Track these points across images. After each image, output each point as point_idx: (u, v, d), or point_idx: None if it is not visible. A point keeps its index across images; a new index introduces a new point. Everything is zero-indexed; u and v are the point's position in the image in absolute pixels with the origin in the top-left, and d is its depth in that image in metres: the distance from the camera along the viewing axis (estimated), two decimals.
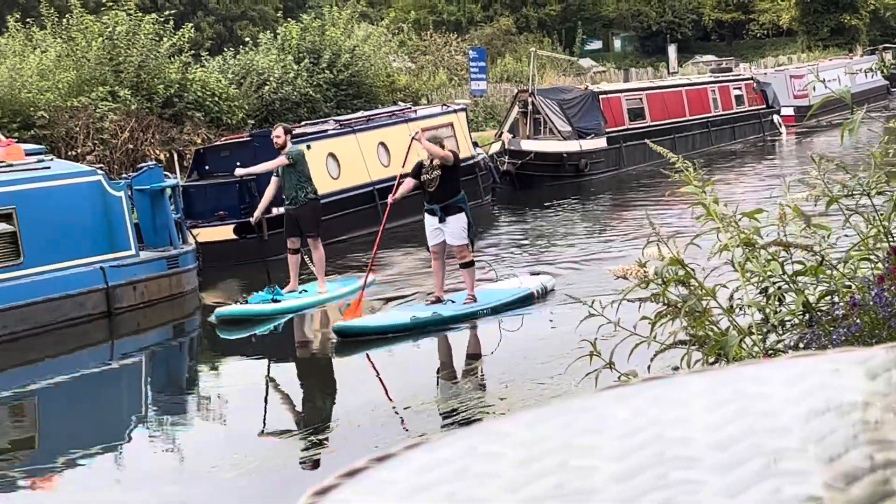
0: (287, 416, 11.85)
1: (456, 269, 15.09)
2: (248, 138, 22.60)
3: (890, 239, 4.55)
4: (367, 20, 43.75)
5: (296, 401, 12.36)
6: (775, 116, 40.04)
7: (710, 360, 4.42)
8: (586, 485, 0.82)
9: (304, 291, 16.15)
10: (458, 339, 13.75)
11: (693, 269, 4.55)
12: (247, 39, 35.36)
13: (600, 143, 31.13)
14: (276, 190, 16.34)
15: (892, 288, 4.23)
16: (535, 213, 25.67)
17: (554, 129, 30.24)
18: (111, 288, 16.25)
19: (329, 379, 13.13)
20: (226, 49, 35.68)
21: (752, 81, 40.43)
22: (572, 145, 30.23)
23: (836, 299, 4.50)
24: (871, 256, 4.63)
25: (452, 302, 14.52)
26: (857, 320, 4.23)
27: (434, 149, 14.41)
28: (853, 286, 4.46)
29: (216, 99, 29.74)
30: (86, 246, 16.22)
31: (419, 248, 18.99)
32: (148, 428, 12.04)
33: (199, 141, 27.50)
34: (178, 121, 28.72)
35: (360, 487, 0.88)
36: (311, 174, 21.58)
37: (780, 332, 4.50)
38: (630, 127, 32.31)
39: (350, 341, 13.60)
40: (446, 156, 14.32)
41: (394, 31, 43.16)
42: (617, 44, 74.00)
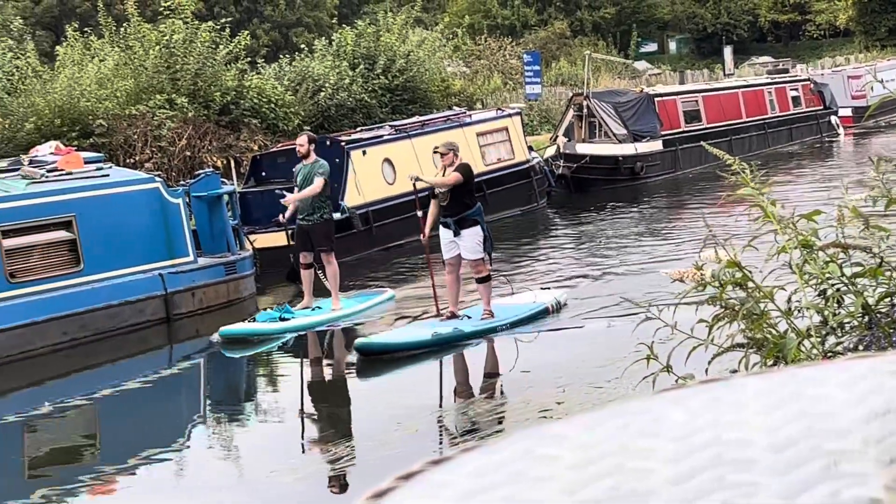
0: (341, 422, 11.87)
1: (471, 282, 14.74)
2: None
3: None
4: (421, 25, 43.86)
5: (349, 407, 12.37)
6: (833, 117, 39.70)
7: (769, 363, 4.39)
8: (643, 487, 0.82)
9: (318, 308, 15.75)
10: (509, 345, 13.71)
11: (750, 272, 4.52)
12: (302, 46, 35.52)
13: (656, 145, 31.01)
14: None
15: None
16: (590, 216, 25.60)
17: (609, 132, 30.15)
18: (170, 294, 16.37)
19: (379, 387, 13.10)
20: (281, 56, 35.86)
21: (809, 82, 40.13)
22: (628, 148, 30.13)
23: (895, 301, 4.45)
24: None
25: (468, 317, 14.24)
26: None
27: (438, 181, 14.15)
28: None
29: (272, 105, 29.89)
30: (144, 253, 16.35)
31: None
32: (206, 433, 12.11)
33: (255, 147, 27.64)
34: (234, 128, 28.89)
35: (416, 490, 0.89)
36: (365, 181, 21.76)
37: (839, 335, 4.46)
38: (686, 129, 32.14)
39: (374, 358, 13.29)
40: (455, 181, 13.91)
41: (448, 35, 43.19)
42: (672, 46, 73.68)
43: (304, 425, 11.87)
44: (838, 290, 4.46)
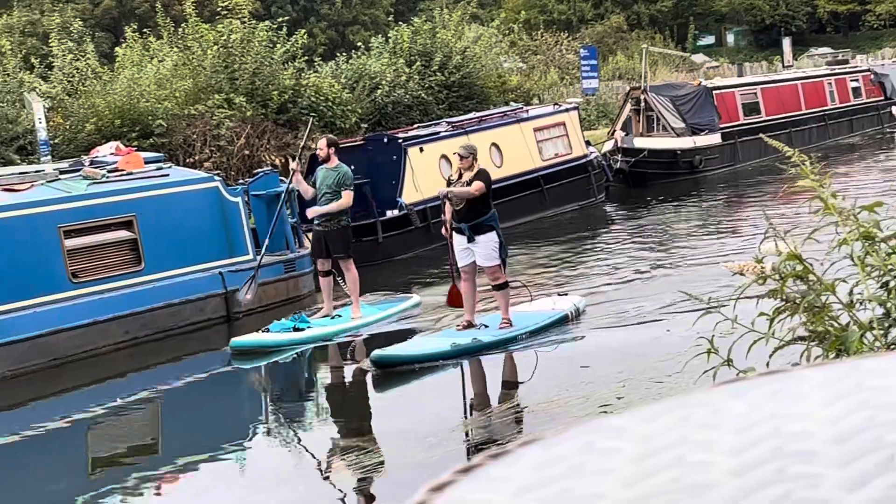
0: (398, 418, 11.89)
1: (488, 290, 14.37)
2: (361, 142, 22.75)
3: None
4: (477, 21, 43.80)
5: (408, 404, 12.39)
6: (894, 108, 39.28)
7: (831, 356, 4.35)
8: (703, 479, 0.81)
9: (339, 316, 15.34)
10: (569, 340, 13.68)
11: (811, 264, 4.48)
12: (359, 44, 35.59)
13: (714, 138, 30.83)
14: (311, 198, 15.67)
15: None
16: (648, 211, 25.50)
17: (667, 125, 30.01)
18: (230, 293, 16.46)
19: (438, 386, 13.09)
20: (338, 54, 35.93)
21: (869, 73, 39.76)
22: (686, 142, 29.99)
23: None
24: None
25: (486, 326, 13.84)
26: None
27: (464, 191, 13.62)
28: None
29: (330, 104, 29.98)
30: (204, 251, 16.46)
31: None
32: (268, 430, 12.18)
33: (313, 146, 27.74)
34: (292, 126, 29.00)
35: (475, 484, 0.89)
36: (423, 177, 21.77)
37: None
38: (745, 122, 31.94)
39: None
40: (479, 190, 13.56)
41: (504, 31, 43.12)
42: (730, 38, 73.22)
43: (377, 420, 11.90)
44: None
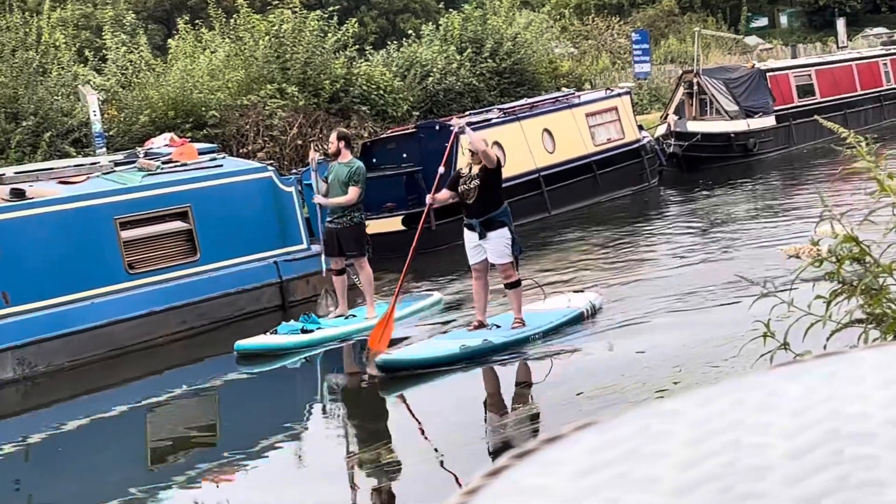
0: (454, 405, 11.90)
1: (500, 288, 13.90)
2: (413, 130, 22.77)
3: None
4: (528, 7, 43.71)
5: (463, 393, 12.39)
6: None
7: (889, 338, 4.32)
8: (759, 462, 0.81)
9: (353, 316, 14.87)
10: (622, 327, 13.64)
11: (868, 246, 4.44)
12: (409, 32, 35.59)
13: (769, 121, 30.62)
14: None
15: None
16: (702, 195, 25.37)
17: (721, 109, 29.83)
18: (285, 281, 16.54)
19: (496, 379, 13.09)
20: (389, 42, 35.95)
21: None
22: (740, 125, 29.80)
23: None
24: None
25: (497, 326, 13.29)
26: None
27: (478, 143, 13.17)
28: None
29: (381, 92, 30.01)
30: (259, 241, 16.54)
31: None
32: (325, 419, 12.23)
33: (365, 134, 27.78)
34: (344, 115, 29.07)
35: (530, 468, 0.89)
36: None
37: None
38: (799, 104, 31.69)
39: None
40: (489, 155, 13.05)
41: (555, 16, 43.03)
42: (783, 20, 72.57)
43: (434, 406, 11.92)
44: None
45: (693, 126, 29.03)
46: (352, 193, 14.60)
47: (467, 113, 25.62)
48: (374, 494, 9.49)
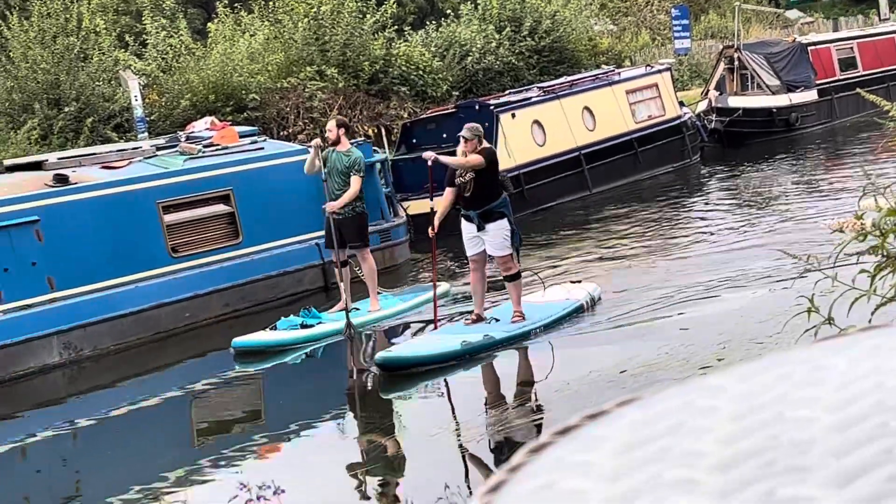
0: (498, 381, 11.91)
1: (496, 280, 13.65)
2: (453, 110, 22.74)
3: None
4: None
5: (508, 371, 12.40)
6: None
7: None
8: (804, 436, 0.81)
9: (356, 310, 14.38)
10: (665, 306, 13.59)
11: None
12: (448, 11, 35.53)
13: (811, 95, 30.39)
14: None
15: None
16: (744, 170, 25.23)
17: (762, 83, 29.63)
18: (326, 263, 16.57)
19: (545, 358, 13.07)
20: (428, 22, 35.91)
21: None
22: (782, 99, 29.59)
23: None
24: None
25: (497, 320, 12.90)
26: None
27: (458, 162, 12.74)
28: None
29: (420, 72, 30.00)
30: (301, 223, 16.57)
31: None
32: (368, 396, 12.26)
33: (405, 115, 27.80)
34: (384, 96, 29.08)
35: (574, 444, 0.89)
36: (515, 143, 21.71)
37: None
38: (841, 77, 31.42)
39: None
40: (472, 164, 12.54)
41: None
42: None
43: (474, 385, 11.93)
44: None
45: (734, 101, 28.85)
46: (354, 184, 14.22)
47: (507, 92, 25.57)
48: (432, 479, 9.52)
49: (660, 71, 26.29)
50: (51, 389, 13.79)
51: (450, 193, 12.85)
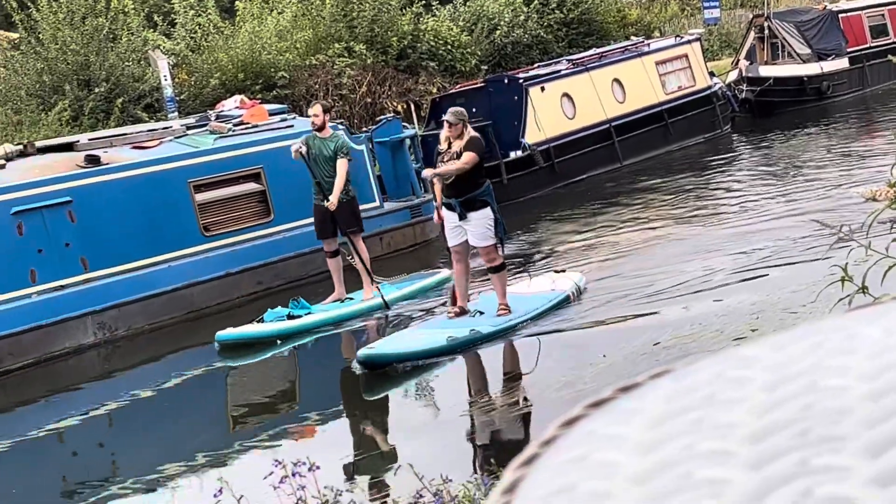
0: (533, 356, 11.92)
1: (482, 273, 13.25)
2: (482, 84, 22.72)
3: None
4: None
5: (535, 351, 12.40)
6: None
7: None
8: (837, 405, 0.80)
9: (350, 299, 14.13)
10: (700, 279, 13.55)
11: None
12: None
13: (842, 63, 30.19)
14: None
15: None
16: (776, 140, 25.11)
17: (793, 52, 29.45)
18: None
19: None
20: None
21: None
22: (813, 68, 29.40)
23: None
24: None
25: (481, 313, 12.45)
26: None
27: (455, 167, 12.07)
28: None
29: (449, 47, 29.95)
30: None
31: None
32: (401, 372, 12.28)
33: (434, 90, 27.77)
34: (412, 72, 29.05)
35: (607, 417, 0.89)
36: (545, 117, 21.66)
37: None
38: (873, 45, 31.19)
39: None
40: (464, 166, 11.99)
41: None
42: None
43: (512, 358, 11.94)
44: None
45: (765, 71, 28.70)
46: (342, 168, 13.87)
47: (536, 65, 25.50)
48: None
49: (689, 41, 26.17)
50: (86, 369, 13.88)
51: (438, 180, 12.46)
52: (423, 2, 30.62)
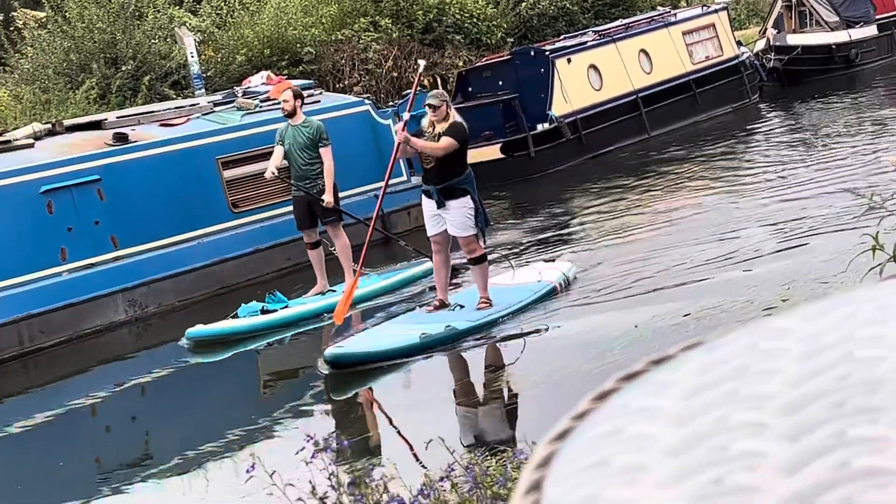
0: (564, 335, 11.90)
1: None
2: (508, 57, 22.66)
3: None
4: None
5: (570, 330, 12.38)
6: None
7: None
8: (872, 375, 0.80)
9: (332, 291, 13.67)
10: (730, 251, 13.50)
11: None
12: None
13: (870, 30, 29.97)
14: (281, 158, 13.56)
15: None
16: (805, 109, 24.96)
17: (820, 20, 29.26)
18: (386, 214, 16.56)
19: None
20: None
21: None
22: (841, 36, 29.20)
23: None
24: None
25: (461, 307, 11.91)
26: None
27: (430, 146, 11.53)
28: None
29: (474, 20, 29.84)
30: (359, 175, 16.58)
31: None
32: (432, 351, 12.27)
33: (460, 64, 27.70)
34: (438, 45, 28.97)
35: (640, 390, 0.88)
36: (572, 88, 21.60)
37: None
38: None
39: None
40: (446, 147, 11.45)
41: None
42: None
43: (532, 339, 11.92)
44: None
45: (793, 39, 28.52)
46: (328, 158, 13.44)
47: (562, 37, 25.41)
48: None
49: (716, 10, 26.03)
50: (118, 346, 13.95)
51: (403, 149, 12.07)
52: None
